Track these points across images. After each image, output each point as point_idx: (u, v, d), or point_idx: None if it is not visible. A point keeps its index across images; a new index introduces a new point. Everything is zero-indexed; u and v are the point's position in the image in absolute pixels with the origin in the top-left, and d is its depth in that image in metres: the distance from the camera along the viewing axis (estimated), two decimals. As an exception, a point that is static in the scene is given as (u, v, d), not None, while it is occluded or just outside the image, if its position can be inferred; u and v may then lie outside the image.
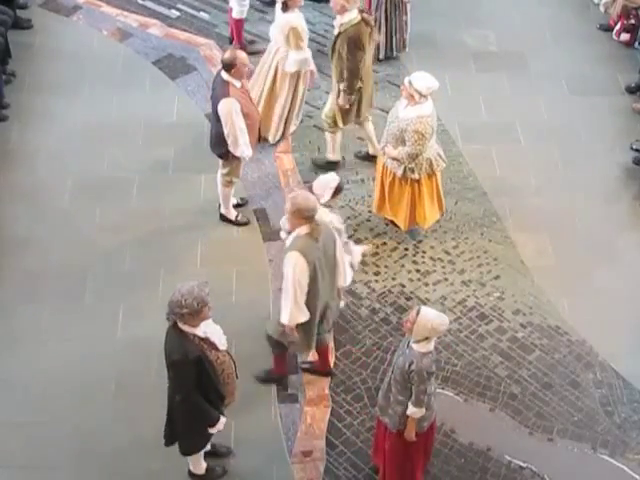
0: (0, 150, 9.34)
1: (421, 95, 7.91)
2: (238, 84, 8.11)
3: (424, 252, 8.61)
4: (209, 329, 6.20)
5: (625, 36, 10.87)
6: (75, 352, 7.64)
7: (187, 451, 6.76)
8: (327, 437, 7.21)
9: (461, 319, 8.08)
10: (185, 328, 6.08)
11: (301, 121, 9.69)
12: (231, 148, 8.23)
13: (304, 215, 6.68)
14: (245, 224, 8.76)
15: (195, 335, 6.11)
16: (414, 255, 8.58)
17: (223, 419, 6.49)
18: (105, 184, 9.02)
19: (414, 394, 6.27)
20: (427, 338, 6.20)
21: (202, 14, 11.33)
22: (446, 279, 8.33)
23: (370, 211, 8.90)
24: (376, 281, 8.32)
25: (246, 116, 8.12)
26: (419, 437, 6.55)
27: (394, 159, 8.15)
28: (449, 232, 8.73)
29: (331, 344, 7.69)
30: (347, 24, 8.57)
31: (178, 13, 11.14)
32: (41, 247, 8.43)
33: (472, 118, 9.87)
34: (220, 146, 8.28)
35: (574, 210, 9.01)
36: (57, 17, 10.93)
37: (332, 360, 7.68)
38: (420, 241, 8.65)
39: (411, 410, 6.34)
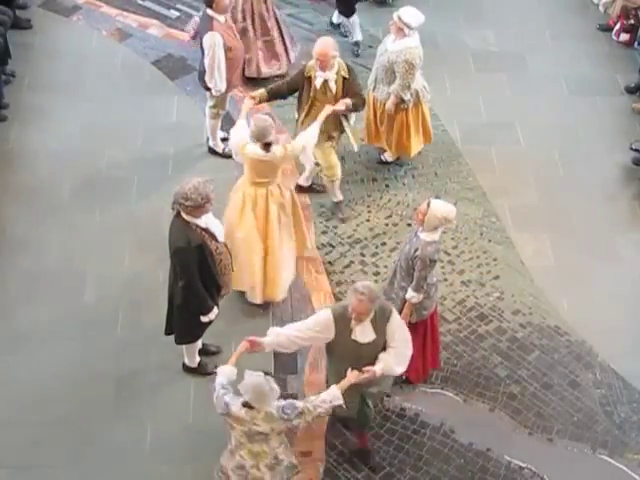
0: None
1: (410, 28, 8.42)
2: (222, 19, 8.58)
3: (424, 252, 8.60)
4: (210, 221, 6.70)
5: (625, 36, 10.87)
6: (75, 352, 7.65)
7: (181, 340, 7.17)
8: (327, 437, 7.21)
9: (460, 319, 8.07)
10: (188, 218, 6.60)
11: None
12: (207, 79, 8.66)
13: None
14: (230, 157, 8.55)
15: (197, 225, 6.63)
16: (414, 255, 8.58)
17: (216, 310, 6.94)
18: (105, 184, 9.02)
19: (415, 279, 6.80)
20: (435, 228, 6.73)
21: (202, 14, 11.33)
22: (445, 279, 8.32)
23: (370, 211, 8.92)
24: (376, 281, 8.30)
25: (229, 50, 8.56)
26: (419, 325, 7.07)
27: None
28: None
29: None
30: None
31: (177, 13, 11.13)
32: (41, 247, 8.43)
33: (472, 118, 9.87)
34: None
35: (574, 210, 9.01)
36: (57, 17, 10.92)
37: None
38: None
39: (410, 294, 6.86)
